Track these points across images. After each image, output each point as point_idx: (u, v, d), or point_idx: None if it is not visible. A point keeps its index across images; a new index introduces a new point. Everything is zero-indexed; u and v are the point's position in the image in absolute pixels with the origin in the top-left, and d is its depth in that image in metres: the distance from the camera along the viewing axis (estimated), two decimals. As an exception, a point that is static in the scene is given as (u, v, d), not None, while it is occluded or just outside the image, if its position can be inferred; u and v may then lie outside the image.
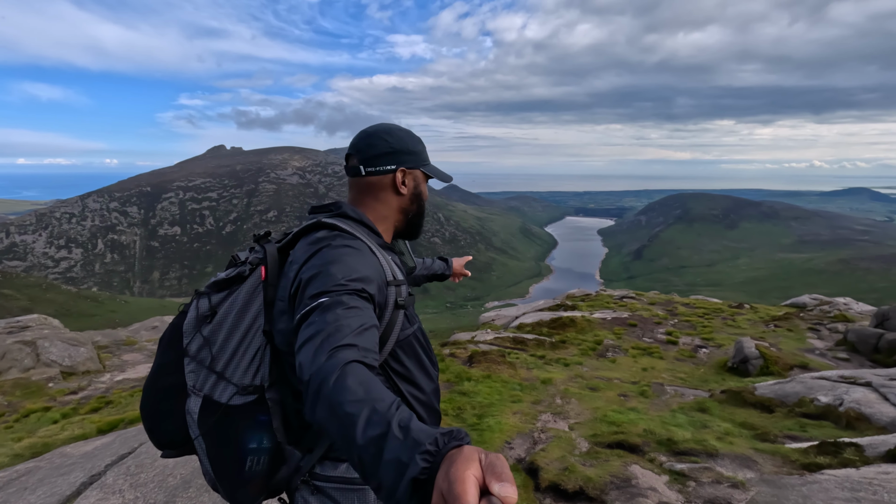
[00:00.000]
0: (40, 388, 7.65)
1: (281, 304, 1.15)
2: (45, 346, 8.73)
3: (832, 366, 8.19)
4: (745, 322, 12.44)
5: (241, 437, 1.16)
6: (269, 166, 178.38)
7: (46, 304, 66.29)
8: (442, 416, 5.62)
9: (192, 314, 1.22)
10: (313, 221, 1.24)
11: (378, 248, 1.24)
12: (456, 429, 0.68)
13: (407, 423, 0.70)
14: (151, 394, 1.25)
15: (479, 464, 0.59)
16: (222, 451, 1.17)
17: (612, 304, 15.49)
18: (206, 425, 1.16)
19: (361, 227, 1.27)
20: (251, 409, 1.16)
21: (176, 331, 1.24)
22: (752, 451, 4.21)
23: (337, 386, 0.78)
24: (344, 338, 0.89)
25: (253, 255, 1.27)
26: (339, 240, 1.16)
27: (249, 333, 1.18)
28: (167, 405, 1.23)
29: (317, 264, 1.09)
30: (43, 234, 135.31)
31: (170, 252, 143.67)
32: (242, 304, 1.20)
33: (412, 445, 0.65)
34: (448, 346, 10.10)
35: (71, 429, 5.56)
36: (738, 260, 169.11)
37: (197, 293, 1.24)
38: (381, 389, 0.78)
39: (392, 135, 1.36)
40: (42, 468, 3.68)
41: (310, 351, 0.88)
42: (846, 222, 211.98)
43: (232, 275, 1.23)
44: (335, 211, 1.30)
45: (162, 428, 1.25)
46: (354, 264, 1.09)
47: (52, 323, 10.86)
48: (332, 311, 0.95)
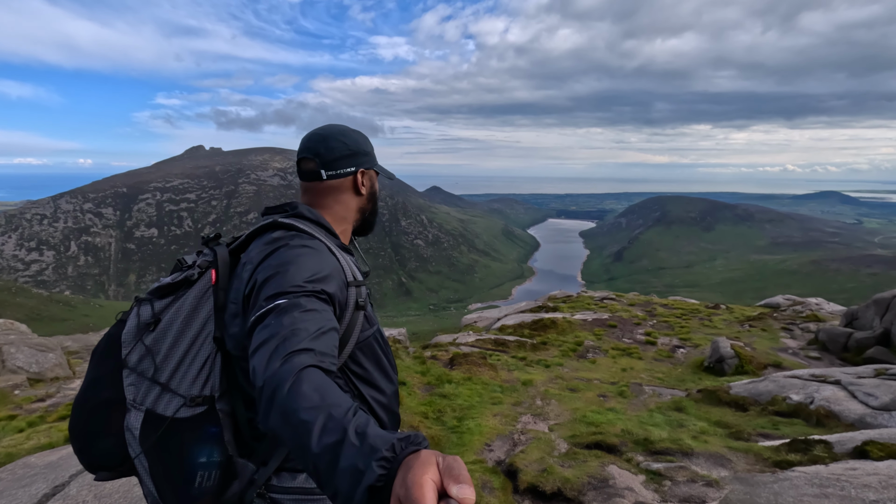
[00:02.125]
0: (5, 395, 7.37)
1: (234, 306, 1.11)
2: (10, 351, 8.41)
3: (804, 364, 8.40)
4: (721, 322, 12.69)
5: (189, 451, 1.09)
6: (250, 167, 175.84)
7: (15, 308, 64.11)
8: (423, 418, 5.61)
9: (132, 322, 1.15)
10: (269, 221, 1.21)
11: (337, 248, 1.21)
12: (413, 433, 0.67)
13: (364, 428, 0.68)
14: (82, 411, 1.16)
15: (436, 467, 0.59)
16: (168, 469, 1.10)
17: (592, 305, 15.65)
18: (149, 441, 1.09)
19: (319, 228, 1.24)
20: (200, 422, 1.10)
21: (112, 341, 1.16)
22: (726, 450, 4.28)
23: (291, 392, 0.76)
24: (300, 342, 0.86)
25: (202, 258, 1.21)
26: (296, 240, 1.13)
27: (198, 341, 1.12)
28: (101, 422, 1.14)
29: (273, 264, 1.05)
30: (13, 236, 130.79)
31: (146, 254, 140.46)
32: (190, 309, 1.14)
33: (368, 452, 0.64)
34: (430, 348, 10.07)
35: (37, 437, 5.36)
36: (715, 261, 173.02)
37: (137, 300, 1.17)
38: (337, 395, 0.76)
39: (347, 136, 1.35)
40: (3, 479, 3.54)
41: (264, 356, 0.85)
42: (817, 224, 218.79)
43: (178, 279, 1.17)
44: (291, 211, 1.27)
45: (96, 448, 1.16)
46: (313, 265, 1.06)
47: (18, 328, 10.49)
48: (289, 314, 0.92)
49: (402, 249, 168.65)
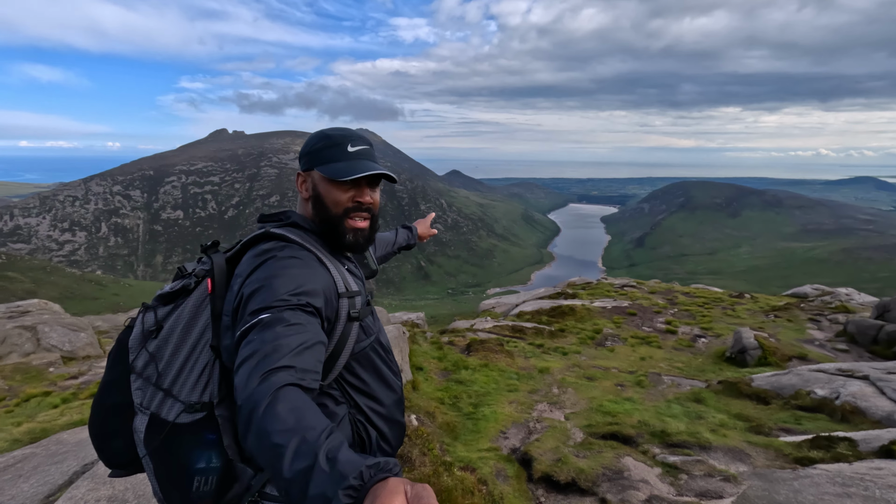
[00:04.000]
0: (40, 372, 7.70)
1: (226, 318, 1.11)
2: (45, 330, 8.76)
3: (831, 357, 8.18)
4: (744, 312, 12.41)
5: (189, 456, 1.12)
6: (271, 150, 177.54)
7: (50, 286, 66.70)
8: (439, 404, 5.65)
9: (137, 329, 1.17)
10: (261, 232, 1.20)
11: (329, 257, 1.20)
12: (384, 459, 0.66)
13: (335, 454, 0.68)
14: (99, 412, 1.22)
15: (404, 496, 0.59)
16: (169, 471, 1.13)
17: (612, 292, 15.47)
18: (153, 444, 1.12)
19: (312, 237, 1.23)
20: (199, 428, 1.12)
21: (122, 346, 1.20)
22: (745, 444, 4.21)
23: (267, 413, 0.76)
24: (280, 359, 0.85)
25: (199, 266, 1.22)
26: (286, 251, 1.12)
27: (197, 349, 1.14)
28: (114, 424, 1.19)
29: (260, 278, 1.05)
30: (47, 217, 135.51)
31: (172, 236, 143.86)
32: (189, 318, 1.15)
33: (337, 479, 0.64)
34: (447, 333, 10.13)
35: (70, 414, 5.60)
36: (740, 248, 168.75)
37: (144, 307, 1.20)
38: (313, 416, 0.76)
39: (308, 138, 1.32)
40: (38, 455, 3.71)
41: (245, 373, 0.85)
42: (850, 211, 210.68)
43: (177, 288, 1.18)
44: (285, 220, 1.26)
45: (110, 447, 1.21)
46: (299, 277, 1.05)
47: (52, 308, 10.90)
48: (272, 329, 0.91)
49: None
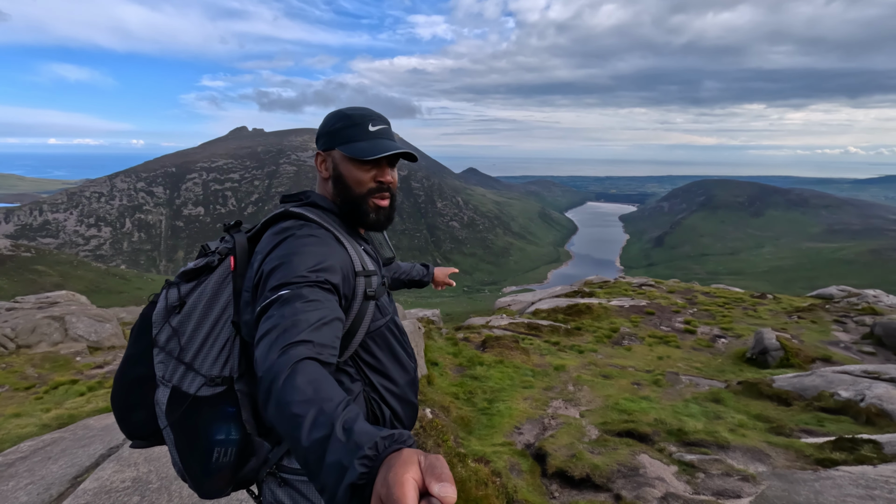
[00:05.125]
0: (68, 361, 7.96)
1: (246, 294, 1.15)
2: (72, 321, 9.05)
3: (856, 359, 7.96)
4: (766, 313, 12.15)
5: (209, 428, 1.16)
6: (290, 148, 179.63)
7: (77, 280, 68.60)
8: (453, 399, 5.67)
9: (161, 304, 1.21)
10: (281, 211, 1.23)
11: (347, 236, 1.22)
12: (399, 431, 0.68)
13: (351, 424, 0.69)
14: (121, 384, 1.26)
15: (418, 466, 0.60)
16: (190, 442, 1.17)
17: (630, 291, 15.28)
18: (174, 416, 1.16)
19: (331, 216, 1.26)
20: (219, 401, 1.16)
21: (145, 321, 1.23)
22: (764, 445, 4.14)
23: (286, 385, 0.78)
24: (299, 333, 0.88)
25: (222, 244, 1.26)
26: (304, 229, 1.15)
27: (218, 324, 1.18)
28: (136, 396, 1.23)
29: (279, 255, 1.07)
30: (74, 213, 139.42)
31: (193, 232, 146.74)
32: (211, 294, 1.19)
33: (352, 449, 0.65)
34: (462, 330, 10.14)
35: (96, 401, 5.78)
36: (763, 249, 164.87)
37: (167, 283, 1.23)
38: (331, 388, 0.78)
39: (327, 117, 1.31)
40: (66, 439, 3.84)
41: (265, 347, 0.87)
42: (879, 211, 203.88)
43: (200, 265, 1.22)
44: (304, 200, 1.29)
45: (131, 418, 1.25)
46: (318, 254, 1.07)
47: (79, 299, 11.24)
48: (291, 305, 0.94)
49: (438, 231, 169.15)
